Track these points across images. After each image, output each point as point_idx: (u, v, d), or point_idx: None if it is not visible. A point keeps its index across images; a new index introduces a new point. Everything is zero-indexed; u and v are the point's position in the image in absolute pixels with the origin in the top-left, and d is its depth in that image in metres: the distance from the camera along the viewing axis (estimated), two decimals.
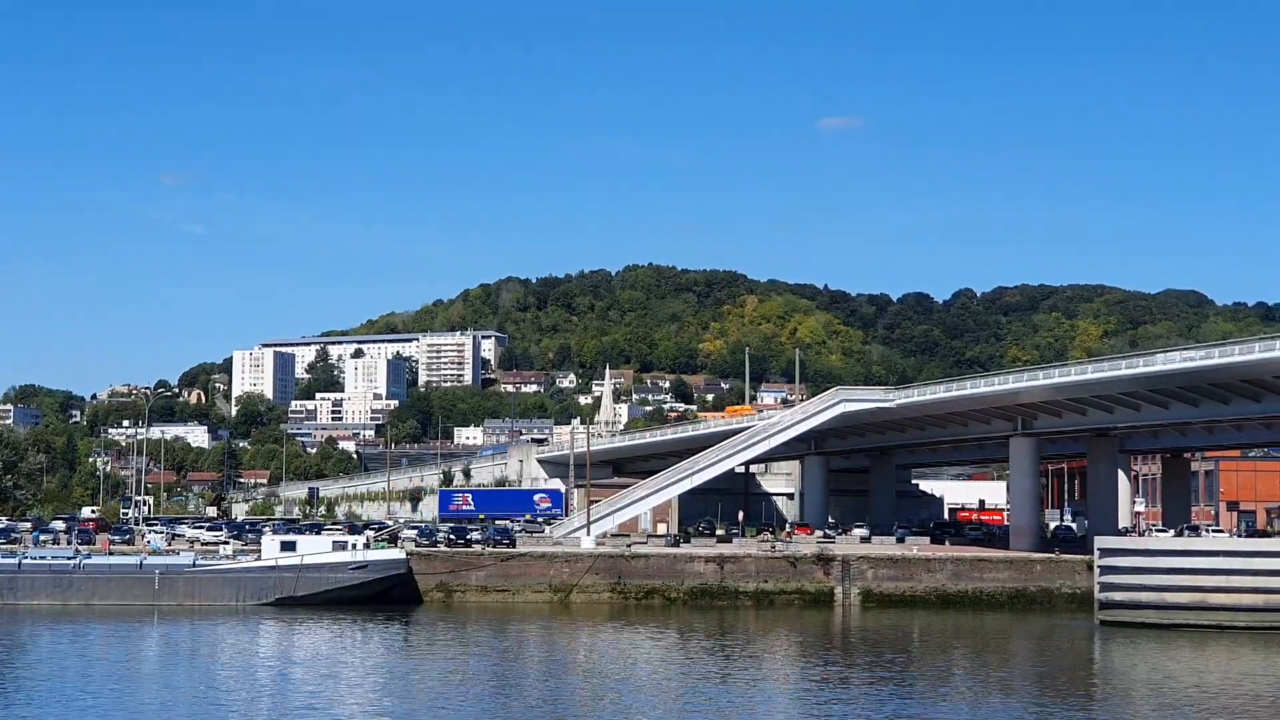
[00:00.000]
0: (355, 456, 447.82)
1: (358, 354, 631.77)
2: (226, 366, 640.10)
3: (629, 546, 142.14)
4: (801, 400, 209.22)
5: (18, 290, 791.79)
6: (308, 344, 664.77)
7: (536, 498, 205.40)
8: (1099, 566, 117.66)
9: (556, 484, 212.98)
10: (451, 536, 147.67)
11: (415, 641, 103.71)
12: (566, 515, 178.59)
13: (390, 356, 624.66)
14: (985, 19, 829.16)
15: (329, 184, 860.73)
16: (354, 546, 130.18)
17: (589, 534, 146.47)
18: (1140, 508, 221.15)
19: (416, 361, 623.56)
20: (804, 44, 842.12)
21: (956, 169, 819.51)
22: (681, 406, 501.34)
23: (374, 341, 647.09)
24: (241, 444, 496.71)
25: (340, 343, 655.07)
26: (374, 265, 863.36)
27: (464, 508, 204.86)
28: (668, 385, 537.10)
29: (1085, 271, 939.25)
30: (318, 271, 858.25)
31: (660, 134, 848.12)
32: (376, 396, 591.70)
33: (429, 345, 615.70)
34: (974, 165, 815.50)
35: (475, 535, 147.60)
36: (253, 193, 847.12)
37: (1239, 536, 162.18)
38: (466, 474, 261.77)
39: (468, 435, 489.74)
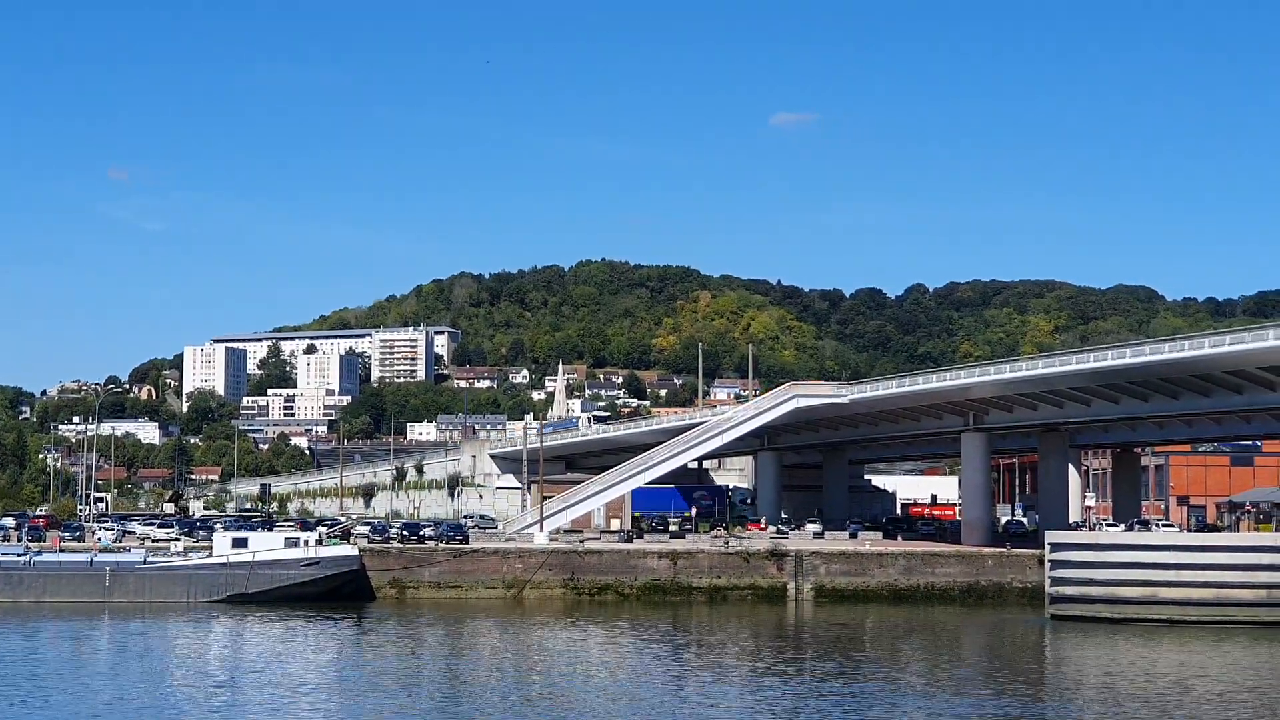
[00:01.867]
0: (308, 453, 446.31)
1: (310, 350, 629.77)
2: (178, 362, 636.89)
3: (582, 542, 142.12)
4: (755, 396, 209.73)
5: None
6: (259, 340, 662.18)
7: (697, 494, 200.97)
8: (1050, 561, 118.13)
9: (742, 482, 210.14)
10: (404, 533, 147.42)
11: (367, 639, 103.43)
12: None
13: (343, 352, 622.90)
14: (938, 15, 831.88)
15: (283, 180, 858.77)
16: (306, 543, 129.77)
17: (542, 530, 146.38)
18: (1091, 502, 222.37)
19: (369, 357, 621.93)
20: (757, 40, 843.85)
21: (909, 165, 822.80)
22: (635, 402, 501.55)
23: (326, 337, 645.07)
24: (193, 440, 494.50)
25: (292, 338, 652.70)
26: (327, 261, 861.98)
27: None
28: (621, 381, 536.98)
29: (1036, 267, 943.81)
30: (270, 267, 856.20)
31: (613, 130, 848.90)
32: (329, 392, 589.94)
33: (382, 341, 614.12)
34: (926, 161, 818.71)
35: (428, 531, 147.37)
36: (207, 189, 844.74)
37: (1189, 531, 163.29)
38: (419, 470, 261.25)
39: (421, 431, 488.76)
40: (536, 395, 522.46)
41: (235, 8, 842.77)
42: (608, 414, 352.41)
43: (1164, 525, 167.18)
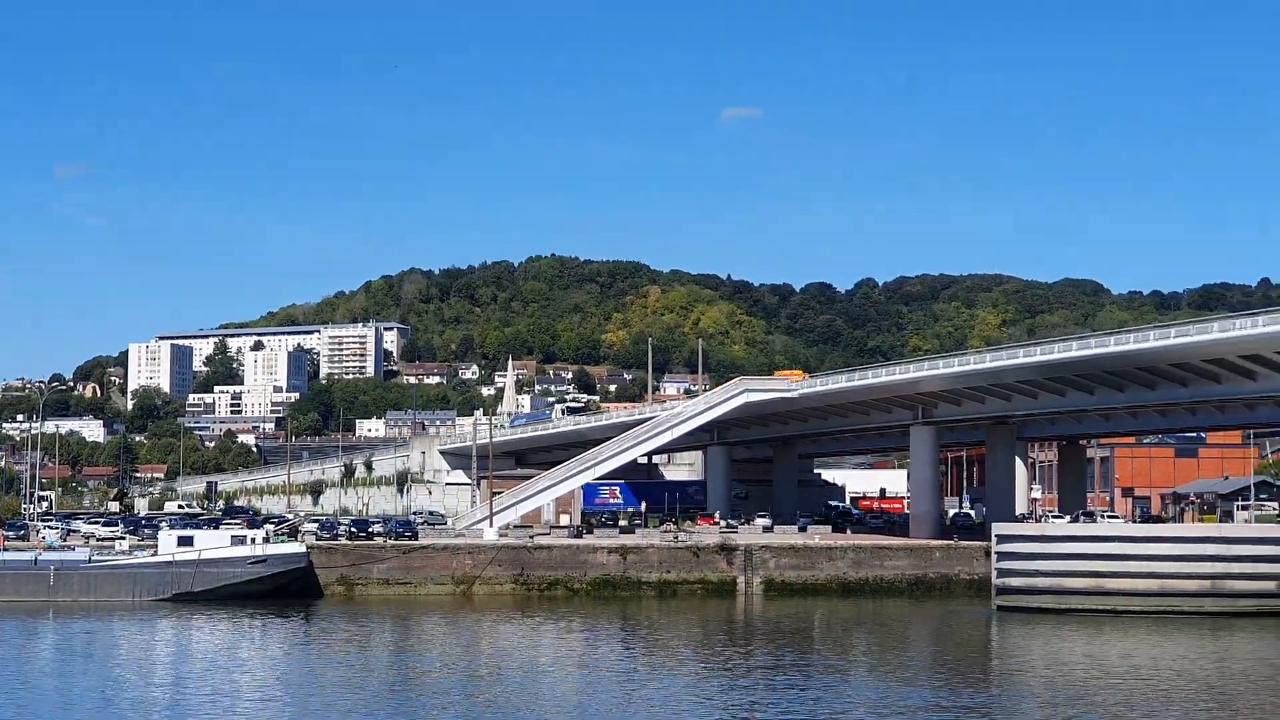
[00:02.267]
0: (255, 450, 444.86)
1: (257, 346, 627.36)
2: (123, 360, 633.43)
3: (532, 538, 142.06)
4: (704, 390, 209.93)
5: None
6: (206, 336, 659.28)
7: (692, 489, 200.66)
8: (996, 553, 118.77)
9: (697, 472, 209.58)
10: (353, 529, 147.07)
11: (315, 636, 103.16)
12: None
13: (291, 349, 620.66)
14: (886, 9, 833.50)
15: (229, 176, 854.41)
16: (253, 541, 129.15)
17: (492, 526, 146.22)
18: (1037, 495, 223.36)
19: (317, 354, 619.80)
20: (707, 35, 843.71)
21: (858, 159, 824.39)
22: (584, 397, 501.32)
23: (274, 334, 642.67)
24: (138, 438, 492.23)
25: (239, 335, 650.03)
26: (275, 257, 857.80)
27: (611, 501, 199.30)
28: (570, 376, 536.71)
29: (984, 262, 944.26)
30: (217, 264, 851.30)
31: (563, 125, 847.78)
32: (277, 389, 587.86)
33: (330, 337, 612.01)
34: (875, 156, 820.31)
35: (377, 528, 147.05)
36: (152, 185, 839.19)
37: (1134, 522, 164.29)
38: (368, 466, 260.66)
39: (370, 428, 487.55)
40: (486, 391, 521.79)
41: (184, 4, 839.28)
42: (581, 407, 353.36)
43: (1109, 517, 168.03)
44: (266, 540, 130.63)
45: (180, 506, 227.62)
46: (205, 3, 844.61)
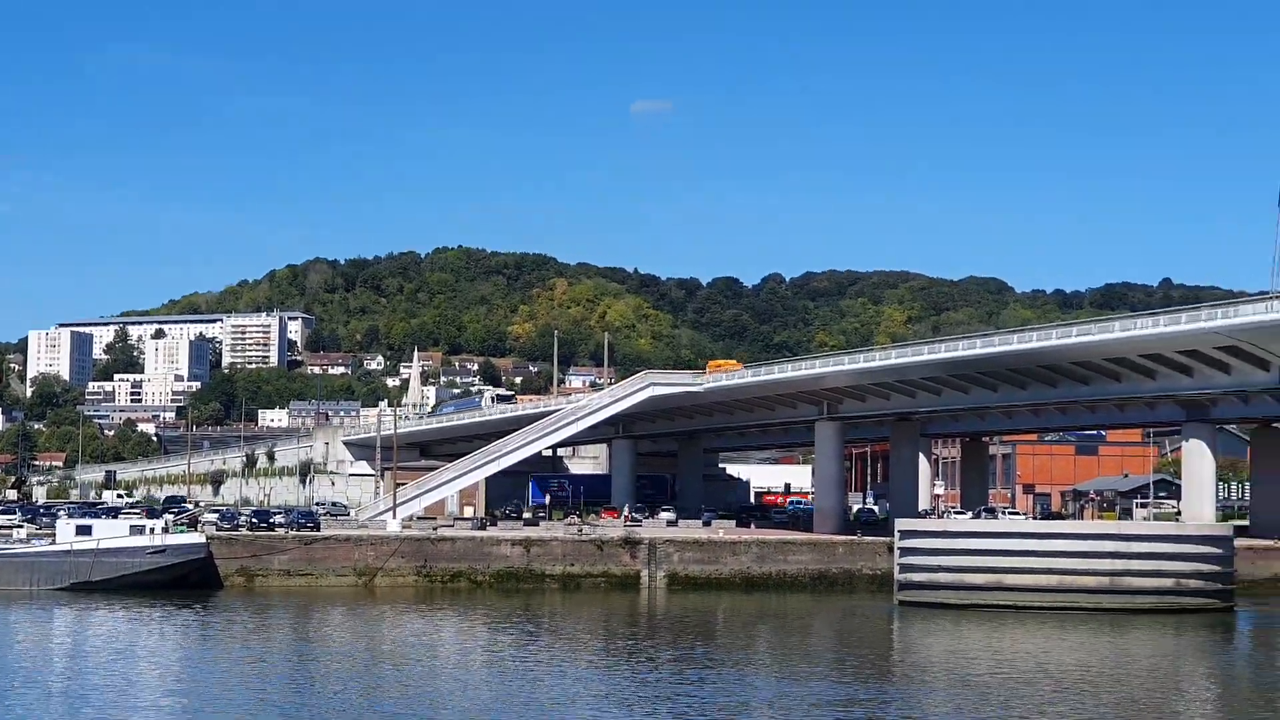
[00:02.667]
0: (155, 439, 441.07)
1: (159, 335, 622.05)
2: (22, 347, 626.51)
3: (435, 529, 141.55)
4: (610, 384, 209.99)
5: None
6: (106, 324, 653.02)
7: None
8: (899, 548, 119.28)
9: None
10: (254, 520, 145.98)
11: (214, 628, 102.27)
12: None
13: (193, 337, 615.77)
14: (793, 2, 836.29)
15: (132, 163, 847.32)
16: (152, 530, 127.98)
17: (395, 517, 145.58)
18: (940, 491, 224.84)
19: (220, 343, 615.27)
20: (616, 27, 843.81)
21: (767, 154, 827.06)
22: (490, 389, 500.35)
23: (176, 322, 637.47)
24: (37, 426, 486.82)
25: (141, 323, 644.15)
26: (177, 245, 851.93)
27: (559, 494, 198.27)
28: (476, 368, 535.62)
29: (891, 258, 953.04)
30: (119, 251, 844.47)
31: (471, 116, 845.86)
32: (178, 378, 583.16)
33: (234, 326, 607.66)
34: (784, 151, 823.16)
35: (279, 519, 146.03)
36: (52, 171, 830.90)
37: (1034, 519, 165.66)
38: (270, 456, 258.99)
39: (273, 418, 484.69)
40: (391, 382, 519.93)
41: None
42: (509, 395, 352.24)
43: (1010, 513, 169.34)
44: (166, 530, 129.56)
45: (119, 496, 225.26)
46: None
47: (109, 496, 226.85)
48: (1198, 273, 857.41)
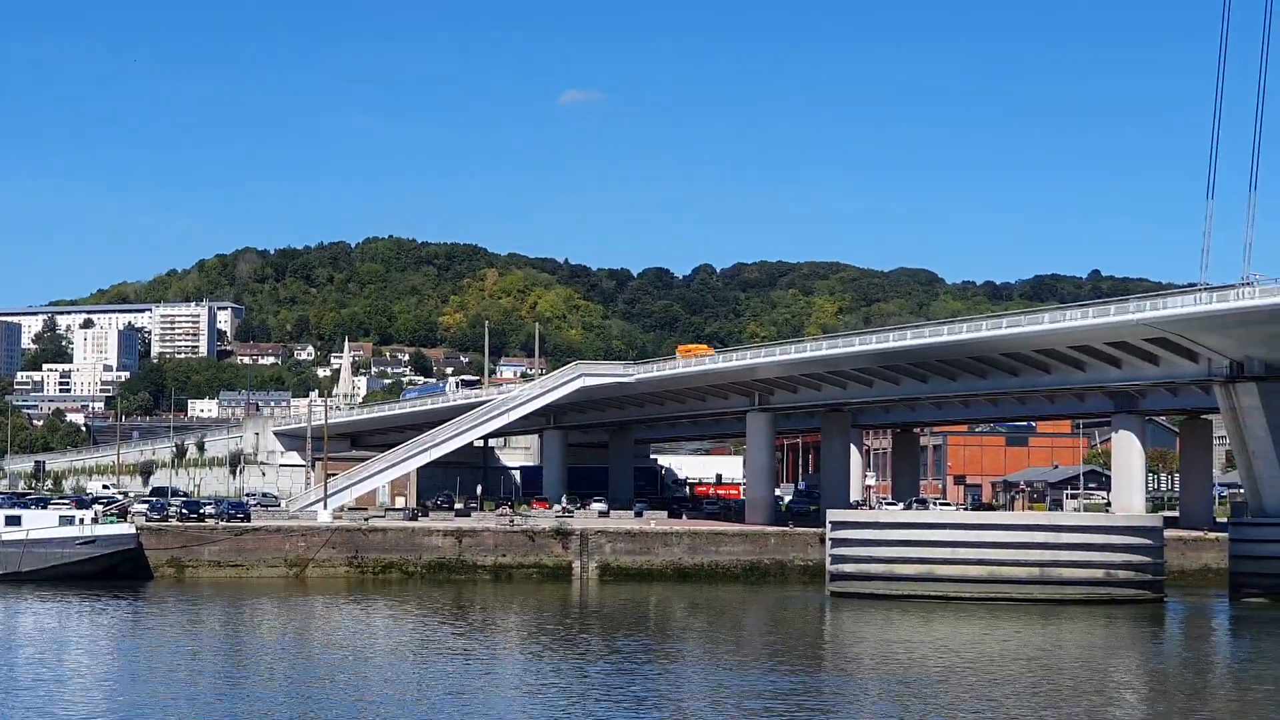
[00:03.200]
0: (84, 429, 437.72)
1: (88, 324, 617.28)
2: None
3: (366, 520, 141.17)
4: (541, 374, 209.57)
5: None
6: (34, 314, 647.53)
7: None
8: (830, 539, 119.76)
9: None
10: (184, 511, 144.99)
11: (144, 619, 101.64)
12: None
13: (122, 327, 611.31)
14: None
15: (60, 151, 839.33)
16: (82, 521, 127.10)
17: (326, 508, 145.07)
18: (872, 482, 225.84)
19: (149, 333, 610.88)
20: (546, 17, 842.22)
21: (697, 145, 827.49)
22: (421, 380, 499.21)
23: (105, 311, 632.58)
24: None
25: (69, 313, 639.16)
26: (106, 234, 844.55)
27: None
28: (407, 358, 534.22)
29: (821, 249, 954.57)
30: (47, 240, 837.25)
31: (400, 106, 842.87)
32: (107, 368, 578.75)
33: (163, 316, 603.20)
34: (714, 141, 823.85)
35: (209, 510, 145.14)
36: None
37: (965, 510, 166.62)
38: (200, 447, 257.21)
39: (203, 408, 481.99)
40: (322, 372, 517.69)
41: None
42: (474, 380, 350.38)
43: (941, 504, 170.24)
44: (95, 521, 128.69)
45: (105, 488, 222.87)
46: None
47: (94, 486, 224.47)
48: (1127, 265, 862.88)
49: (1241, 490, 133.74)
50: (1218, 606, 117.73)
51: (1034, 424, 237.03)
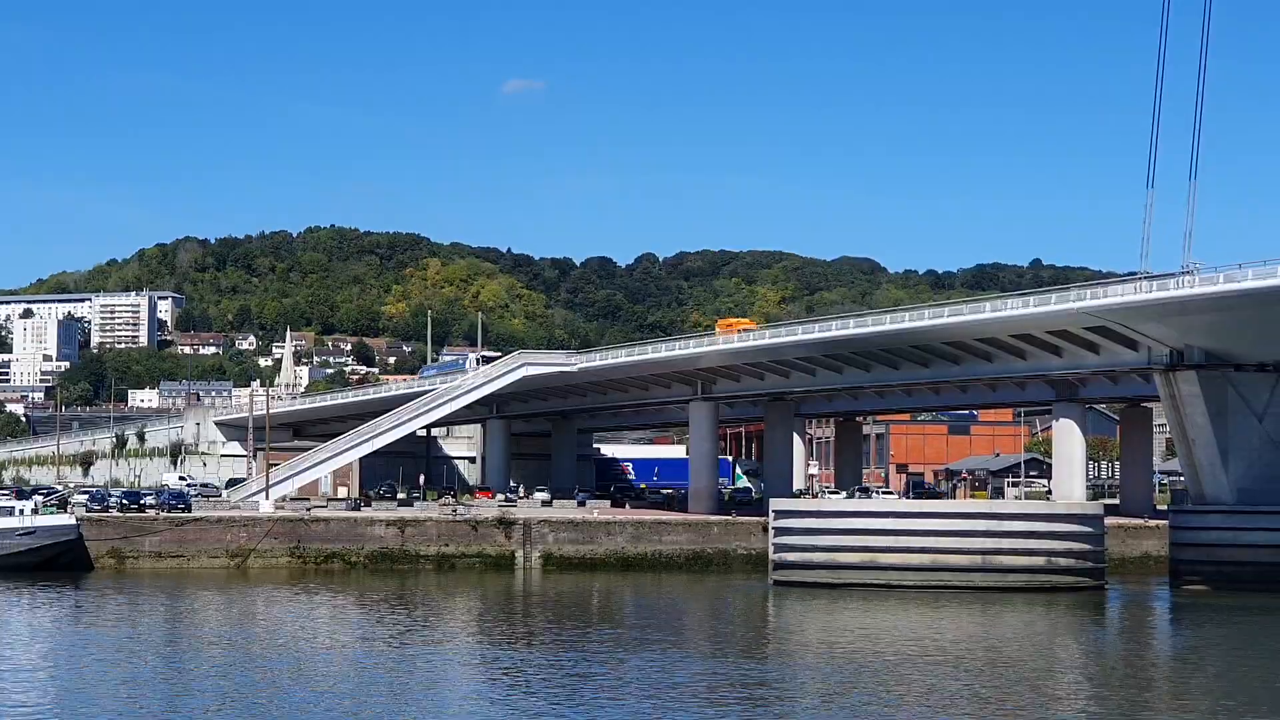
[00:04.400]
0: (23, 420, 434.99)
1: (27, 314, 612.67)
2: None
3: (309, 510, 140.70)
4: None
5: None
6: None
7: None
8: (773, 528, 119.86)
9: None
10: (124, 501, 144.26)
11: (85, 610, 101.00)
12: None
13: (61, 317, 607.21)
14: None
15: None
16: (21, 512, 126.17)
17: (267, 498, 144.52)
18: (815, 470, 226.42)
19: (89, 322, 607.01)
20: (488, 6, 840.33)
21: (639, 134, 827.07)
22: (363, 369, 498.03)
23: (44, 301, 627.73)
24: None
25: (8, 302, 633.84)
26: (45, 223, 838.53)
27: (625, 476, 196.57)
28: (349, 348, 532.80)
29: (764, 238, 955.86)
30: None
31: (342, 94, 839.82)
32: (46, 358, 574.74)
33: (102, 306, 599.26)
34: (656, 131, 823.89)
35: (149, 500, 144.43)
36: None
37: (907, 498, 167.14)
38: (141, 437, 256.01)
39: (143, 398, 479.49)
40: (264, 362, 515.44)
41: None
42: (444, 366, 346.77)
43: (884, 493, 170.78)
44: (35, 512, 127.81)
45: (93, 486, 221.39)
46: None
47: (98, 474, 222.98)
48: (1068, 254, 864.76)
49: (1182, 478, 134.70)
50: (1158, 594, 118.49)
51: (976, 412, 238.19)
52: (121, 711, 61.22)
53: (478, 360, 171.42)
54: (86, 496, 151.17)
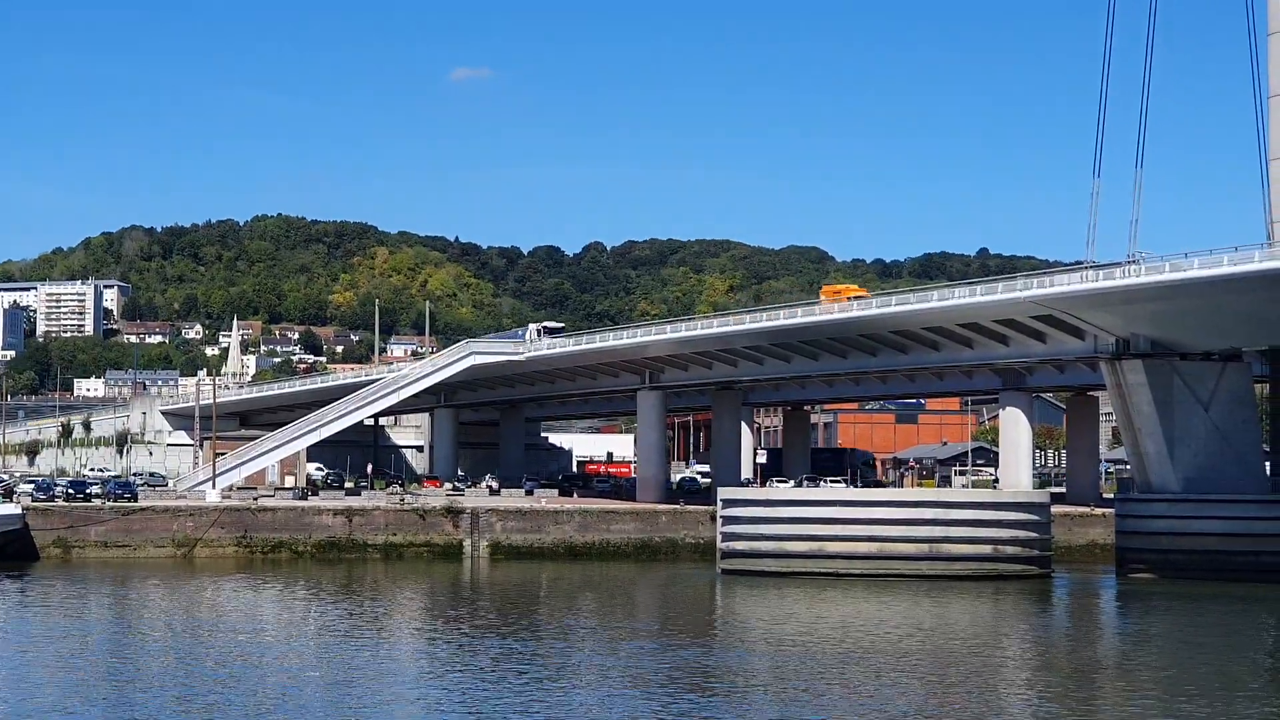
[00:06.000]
0: None
1: None
2: None
3: (256, 499, 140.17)
4: (431, 353, 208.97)
5: None
6: None
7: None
8: (721, 517, 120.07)
9: None
10: (70, 491, 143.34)
11: (30, 600, 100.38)
12: None
13: (6, 306, 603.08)
14: None
15: None
16: None
17: (214, 487, 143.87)
18: (763, 459, 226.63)
19: (34, 311, 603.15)
20: None
21: (587, 123, 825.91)
22: (311, 358, 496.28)
23: None
24: None
25: None
26: None
27: None
28: (297, 337, 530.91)
29: (712, 227, 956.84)
30: None
31: (290, 83, 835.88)
32: None
33: (48, 295, 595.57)
34: (604, 119, 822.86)
35: (95, 490, 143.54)
36: None
37: (855, 487, 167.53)
38: (87, 426, 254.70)
39: (89, 387, 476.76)
40: (211, 351, 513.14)
41: None
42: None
43: (831, 482, 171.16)
44: None
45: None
46: None
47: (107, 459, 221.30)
48: (1014, 243, 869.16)
49: (1127, 466, 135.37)
50: (1104, 581, 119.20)
51: (923, 401, 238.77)
52: (67, 704, 60.83)
53: (538, 331, 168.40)
54: (32, 486, 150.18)
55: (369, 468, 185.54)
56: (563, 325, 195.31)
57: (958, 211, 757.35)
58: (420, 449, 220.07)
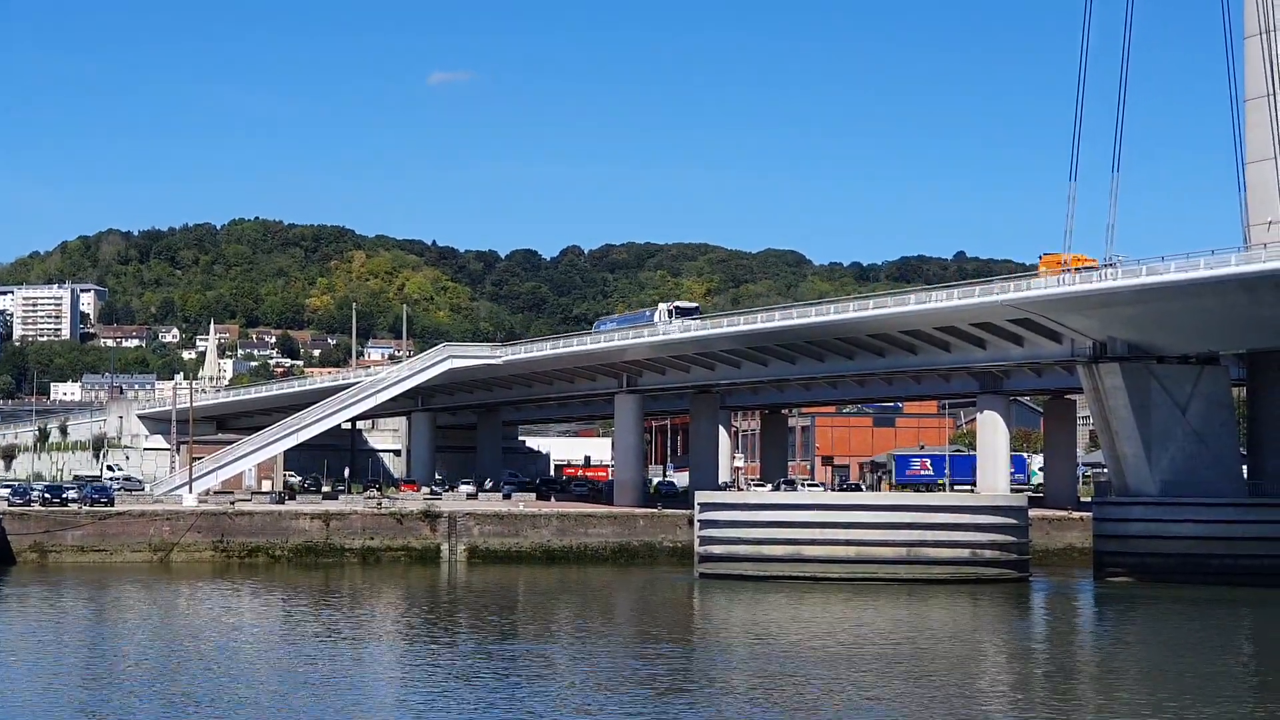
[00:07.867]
0: None
1: None
2: None
3: (232, 504, 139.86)
4: (409, 356, 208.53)
5: None
6: None
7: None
8: (699, 521, 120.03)
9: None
10: (47, 495, 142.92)
11: (6, 605, 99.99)
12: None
13: None
14: None
15: None
16: None
17: (191, 491, 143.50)
18: (740, 463, 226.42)
19: (10, 315, 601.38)
20: None
21: (564, 126, 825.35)
22: (288, 362, 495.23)
23: None
24: None
25: None
26: None
27: (922, 473, 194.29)
28: (274, 341, 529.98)
29: (689, 231, 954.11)
30: None
31: (267, 85, 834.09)
32: None
33: (24, 298, 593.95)
34: (581, 123, 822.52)
35: (72, 494, 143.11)
36: None
37: (833, 490, 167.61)
38: (63, 430, 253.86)
39: (65, 391, 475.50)
40: (188, 355, 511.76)
41: None
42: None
43: (809, 485, 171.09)
44: None
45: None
46: None
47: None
48: (991, 246, 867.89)
49: (1105, 470, 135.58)
50: (1082, 585, 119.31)
51: (901, 405, 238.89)
52: (41, 707, 60.57)
53: (669, 312, 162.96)
54: (8, 490, 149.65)
55: (346, 472, 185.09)
56: (697, 305, 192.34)
57: (935, 215, 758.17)
58: (398, 453, 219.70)
